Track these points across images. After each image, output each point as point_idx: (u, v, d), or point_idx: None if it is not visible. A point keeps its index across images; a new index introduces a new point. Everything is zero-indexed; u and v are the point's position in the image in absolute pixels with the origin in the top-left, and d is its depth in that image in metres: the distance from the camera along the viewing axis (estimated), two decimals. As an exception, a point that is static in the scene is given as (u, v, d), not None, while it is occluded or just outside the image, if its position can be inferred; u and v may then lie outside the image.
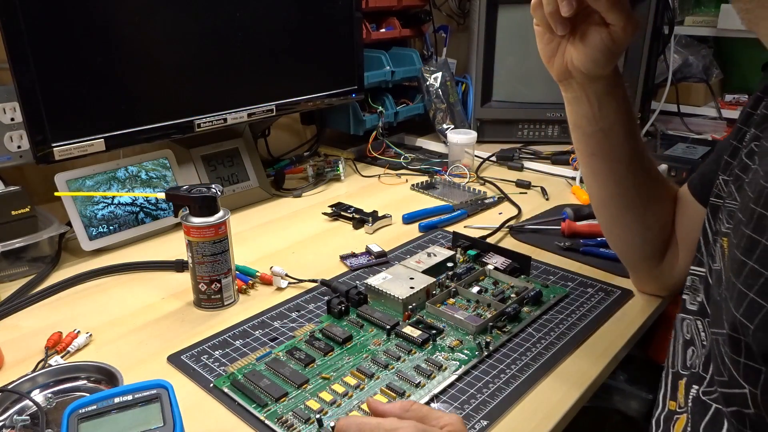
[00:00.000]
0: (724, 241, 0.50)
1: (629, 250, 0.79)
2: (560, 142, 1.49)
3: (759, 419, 0.43)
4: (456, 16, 1.81)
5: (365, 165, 1.40)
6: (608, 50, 0.62)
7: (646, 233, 0.75)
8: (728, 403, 0.47)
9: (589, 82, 0.66)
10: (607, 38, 0.61)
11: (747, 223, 0.42)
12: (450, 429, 0.49)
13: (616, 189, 0.73)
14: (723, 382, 0.46)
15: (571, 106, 0.70)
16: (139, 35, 0.93)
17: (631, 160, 0.71)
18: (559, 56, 0.65)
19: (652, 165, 0.74)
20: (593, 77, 0.65)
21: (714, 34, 1.78)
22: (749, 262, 0.41)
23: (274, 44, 1.12)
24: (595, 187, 0.75)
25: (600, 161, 0.72)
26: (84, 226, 0.92)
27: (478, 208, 1.12)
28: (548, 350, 0.69)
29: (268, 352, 0.68)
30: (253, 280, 0.85)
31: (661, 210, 0.75)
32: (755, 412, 0.43)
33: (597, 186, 0.74)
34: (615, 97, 0.67)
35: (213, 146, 1.12)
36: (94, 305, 0.81)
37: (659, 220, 0.75)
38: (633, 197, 0.73)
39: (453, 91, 1.52)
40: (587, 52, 0.62)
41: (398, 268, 0.83)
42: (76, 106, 0.87)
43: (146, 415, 0.50)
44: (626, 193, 0.73)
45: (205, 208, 0.76)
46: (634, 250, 0.78)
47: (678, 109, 1.75)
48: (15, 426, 0.58)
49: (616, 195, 0.73)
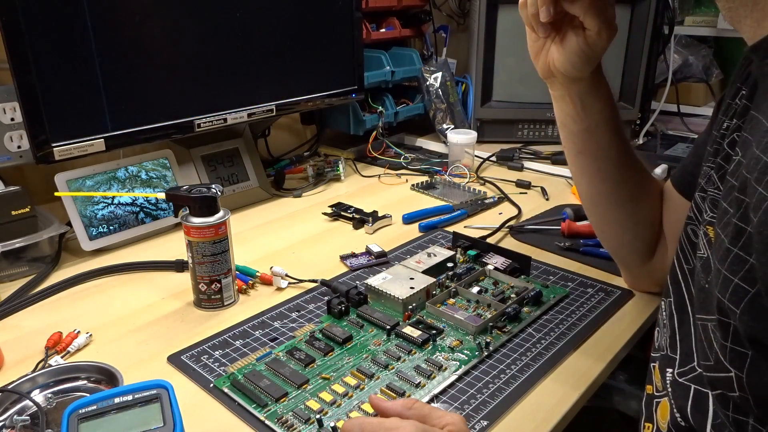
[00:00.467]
0: (709, 230, 0.51)
1: (621, 247, 0.80)
2: (560, 142, 1.47)
3: (743, 402, 0.44)
4: (456, 16, 1.81)
5: (365, 165, 1.40)
6: (584, 54, 0.64)
7: (636, 229, 0.76)
8: (713, 386, 0.48)
9: (570, 82, 0.68)
10: (583, 42, 0.63)
11: (734, 213, 0.43)
12: (451, 428, 0.48)
13: (604, 186, 0.74)
14: (709, 366, 0.47)
15: (557, 103, 0.72)
16: (139, 35, 0.93)
17: (618, 158, 0.72)
18: (543, 55, 0.68)
19: (639, 162, 0.75)
20: (573, 78, 0.67)
21: (714, 34, 1.78)
22: (734, 249, 0.42)
23: (274, 44, 1.12)
24: (584, 184, 0.76)
25: (587, 159, 0.74)
26: (84, 226, 0.92)
27: (478, 208, 1.12)
28: (548, 350, 0.69)
29: (268, 353, 0.68)
30: (253, 280, 0.85)
31: (650, 205, 0.76)
32: (740, 395, 0.44)
33: (585, 183, 0.76)
34: (598, 98, 0.69)
35: (213, 146, 1.12)
36: (94, 305, 0.81)
37: (649, 215, 0.76)
38: (622, 194, 0.74)
39: (453, 91, 1.52)
40: (565, 54, 0.65)
41: (398, 268, 0.83)
42: (76, 106, 0.87)
43: (146, 415, 0.50)
44: (614, 189, 0.74)
45: (205, 208, 0.76)
46: (626, 246, 0.79)
47: (678, 109, 1.75)
48: (15, 426, 0.58)
49: (604, 192, 0.75)
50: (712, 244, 0.50)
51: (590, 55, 0.64)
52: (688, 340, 0.55)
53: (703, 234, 0.53)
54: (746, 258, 0.41)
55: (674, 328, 0.58)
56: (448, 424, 0.49)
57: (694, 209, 0.61)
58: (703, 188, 0.58)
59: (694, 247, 0.59)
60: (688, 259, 0.60)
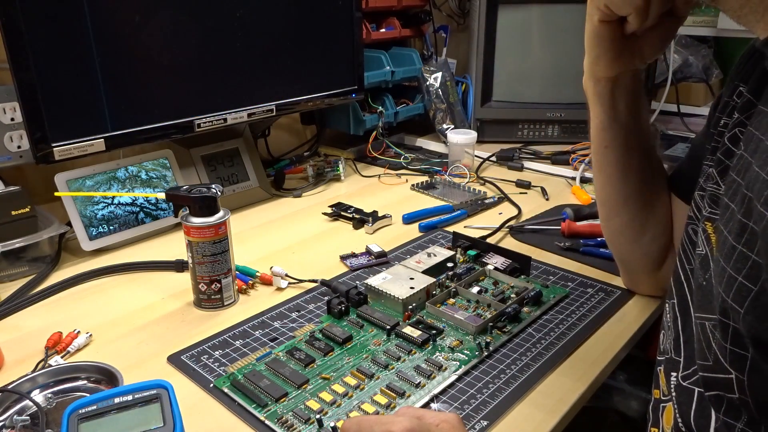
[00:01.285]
0: (708, 226, 0.51)
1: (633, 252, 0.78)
2: (560, 142, 1.49)
3: (743, 404, 0.44)
4: (456, 16, 1.81)
5: (365, 165, 1.40)
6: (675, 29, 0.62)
7: (655, 231, 0.75)
8: (709, 387, 0.48)
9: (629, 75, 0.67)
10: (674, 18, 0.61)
11: (738, 209, 0.42)
12: (446, 425, 0.48)
13: (642, 185, 0.73)
14: (707, 366, 0.47)
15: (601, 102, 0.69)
16: (139, 35, 0.93)
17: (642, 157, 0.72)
18: (627, 51, 0.64)
19: (662, 166, 0.75)
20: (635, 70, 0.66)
21: (714, 34, 1.77)
22: (738, 246, 0.42)
23: (274, 44, 1.12)
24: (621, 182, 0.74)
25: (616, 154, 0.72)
26: (84, 226, 0.92)
27: (478, 208, 1.12)
28: (548, 350, 0.69)
29: (268, 353, 0.68)
30: (253, 280, 0.85)
31: (665, 211, 0.75)
32: (740, 397, 0.43)
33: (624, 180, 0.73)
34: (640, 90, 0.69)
35: (213, 146, 1.12)
36: (94, 305, 0.81)
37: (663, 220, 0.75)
38: (648, 195, 0.74)
39: (453, 91, 1.52)
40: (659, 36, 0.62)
41: (398, 268, 0.83)
42: (76, 106, 0.87)
43: (146, 415, 0.50)
44: (643, 190, 0.73)
45: (205, 208, 0.76)
46: (639, 251, 0.77)
47: (678, 109, 1.74)
48: (15, 426, 0.58)
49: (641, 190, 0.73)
50: (710, 240, 0.49)
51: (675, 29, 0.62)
52: (691, 342, 0.54)
53: (702, 231, 0.52)
54: (749, 254, 0.41)
55: (678, 330, 0.58)
56: (443, 422, 0.49)
57: (694, 208, 0.61)
58: (702, 186, 0.58)
59: (694, 246, 0.59)
60: (690, 259, 0.60)
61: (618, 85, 0.67)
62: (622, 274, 0.84)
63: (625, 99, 0.68)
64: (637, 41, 0.63)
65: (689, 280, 0.59)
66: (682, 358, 0.56)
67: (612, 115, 0.69)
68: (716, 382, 0.46)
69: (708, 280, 0.48)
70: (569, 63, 1.39)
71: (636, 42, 0.63)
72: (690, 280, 0.59)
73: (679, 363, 0.56)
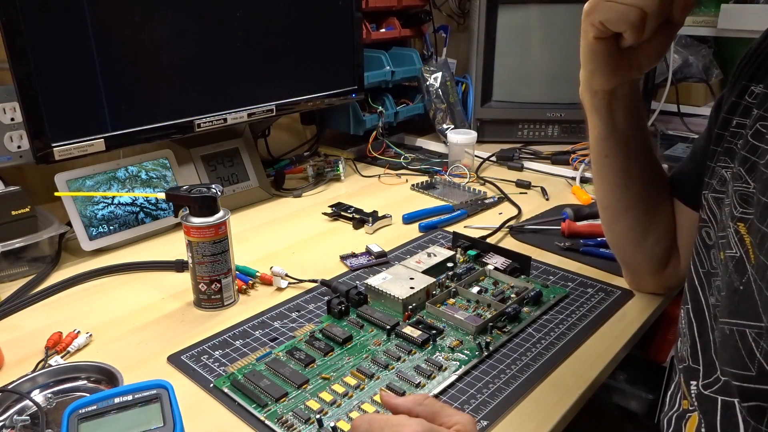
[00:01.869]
0: (740, 227, 0.49)
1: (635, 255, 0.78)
2: (560, 142, 1.49)
3: None
4: (456, 16, 1.81)
5: (365, 165, 1.40)
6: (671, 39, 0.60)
7: (657, 233, 0.75)
8: (747, 397, 0.45)
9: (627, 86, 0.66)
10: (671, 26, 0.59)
11: None
12: (459, 428, 0.46)
13: (643, 190, 0.73)
14: (747, 377, 0.45)
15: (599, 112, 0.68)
16: (139, 35, 0.93)
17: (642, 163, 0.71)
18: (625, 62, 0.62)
19: (662, 169, 0.75)
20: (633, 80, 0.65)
21: (714, 34, 1.77)
22: None
23: (275, 44, 1.12)
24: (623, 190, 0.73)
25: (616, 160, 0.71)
26: (84, 226, 0.92)
27: (478, 208, 1.12)
28: (548, 350, 0.69)
29: (268, 353, 0.68)
30: (253, 280, 0.85)
31: (668, 212, 0.75)
32: None
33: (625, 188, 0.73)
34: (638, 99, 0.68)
35: (213, 146, 1.12)
36: (94, 305, 0.81)
37: (665, 222, 0.75)
38: (650, 199, 0.73)
39: (453, 91, 1.52)
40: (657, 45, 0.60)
41: (398, 268, 0.83)
42: (76, 106, 0.87)
43: (146, 415, 0.50)
44: (644, 195, 0.73)
45: (205, 208, 0.76)
46: (643, 254, 0.77)
47: (678, 109, 1.74)
48: (15, 426, 0.58)
49: (643, 196, 0.73)
50: (744, 242, 0.48)
51: (673, 37, 0.60)
52: (709, 349, 0.53)
53: (734, 231, 0.50)
54: None
55: (694, 337, 0.57)
56: (457, 424, 0.47)
57: (707, 211, 0.60)
58: (716, 189, 0.57)
59: (708, 250, 0.59)
60: (704, 263, 0.59)
61: (615, 97, 0.66)
62: (626, 275, 0.84)
63: (623, 109, 0.67)
64: (634, 53, 0.61)
65: (703, 284, 0.58)
66: (701, 366, 0.54)
67: (611, 125, 0.68)
68: (758, 393, 0.44)
69: (746, 284, 0.46)
70: (569, 63, 1.38)
71: (632, 54, 0.61)
72: (704, 285, 0.57)
73: (698, 371, 0.54)
